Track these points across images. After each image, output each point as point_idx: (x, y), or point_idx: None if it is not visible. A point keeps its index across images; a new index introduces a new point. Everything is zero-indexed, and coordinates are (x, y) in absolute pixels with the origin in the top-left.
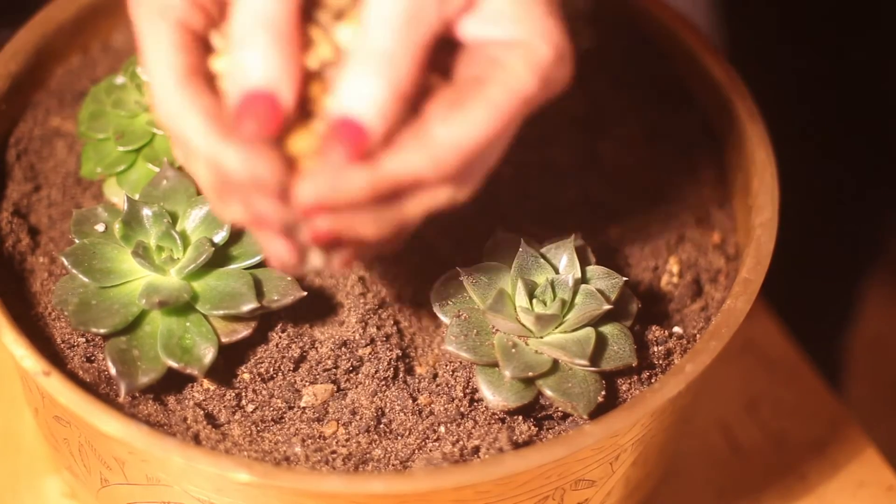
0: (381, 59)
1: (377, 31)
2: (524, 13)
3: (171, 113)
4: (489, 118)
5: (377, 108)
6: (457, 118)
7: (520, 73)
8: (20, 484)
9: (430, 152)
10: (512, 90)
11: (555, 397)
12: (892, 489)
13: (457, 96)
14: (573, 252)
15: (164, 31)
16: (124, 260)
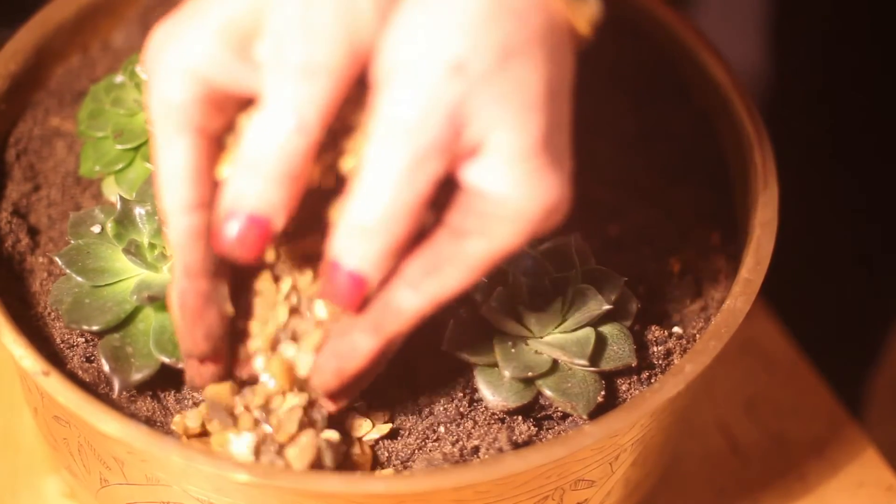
0: (381, 220)
1: (378, 191)
2: (521, 172)
3: (173, 241)
4: (464, 278)
5: (377, 265)
6: (428, 286)
7: (505, 236)
8: (19, 484)
9: (402, 322)
10: (495, 250)
11: (554, 397)
12: (892, 489)
13: (432, 260)
14: (573, 252)
15: (180, 150)
16: (117, 259)
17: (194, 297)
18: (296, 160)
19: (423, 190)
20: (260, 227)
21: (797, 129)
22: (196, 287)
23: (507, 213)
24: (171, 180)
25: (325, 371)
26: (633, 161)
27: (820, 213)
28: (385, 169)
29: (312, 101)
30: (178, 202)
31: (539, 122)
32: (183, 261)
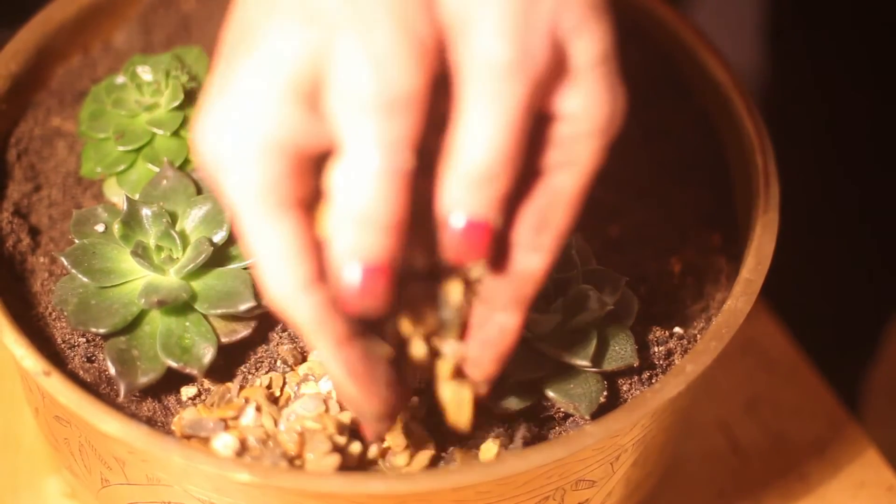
0: (499, 164)
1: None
2: (598, 83)
3: (308, 321)
4: (571, 214)
5: (498, 208)
6: (544, 240)
7: (586, 157)
8: (20, 484)
9: (536, 284)
10: (583, 176)
11: (557, 398)
12: (893, 489)
13: (537, 215)
14: (574, 252)
15: (285, 229)
16: (124, 260)
17: (358, 361)
18: (394, 199)
19: (528, 126)
20: (379, 275)
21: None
22: (356, 352)
23: (582, 129)
24: (281, 264)
25: (482, 362)
26: (634, 161)
27: (820, 214)
28: (496, 112)
29: (397, 134)
30: (296, 282)
31: (607, 23)
32: (332, 334)
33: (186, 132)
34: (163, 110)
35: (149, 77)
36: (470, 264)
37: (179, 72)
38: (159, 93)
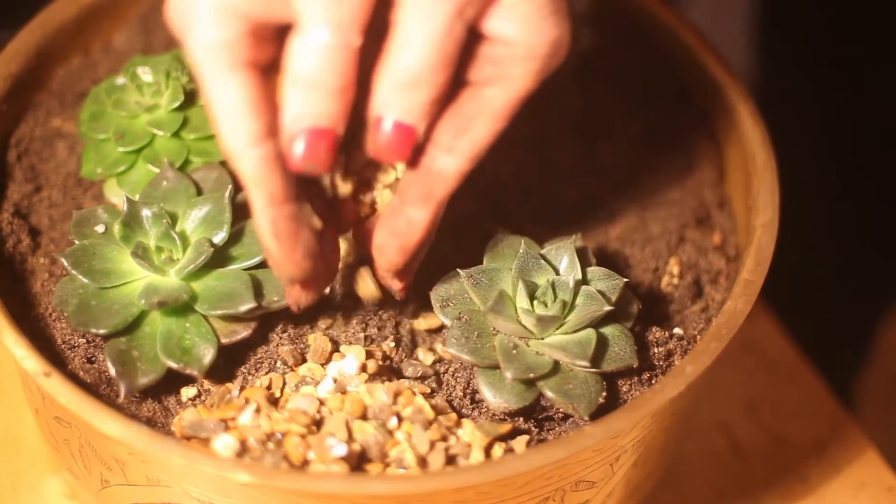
0: (426, 71)
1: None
2: (533, 11)
3: (249, 175)
4: (492, 128)
5: (422, 114)
6: (462, 145)
7: (520, 79)
8: (21, 484)
9: (448, 186)
10: (513, 96)
11: (556, 399)
12: (893, 490)
13: (459, 120)
14: (574, 253)
15: (236, 86)
16: (124, 261)
17: (286, 221)
18: (341, 70)
19: (460, 38)
20: (324, 138)
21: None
22: (285, 212)
23: (518, 53)
24: (233, 118)
25: (388, 250)
26: (634, 162)
27: (820, 214)
28: (428, 21)
29: (347, 13)
30: (245, 137)
31: None
32: (266, 191)
33: (187, 133)
34: (163, 111)
35: (149, 78)
36: (391, 163)
37: (180, 73)
38: (159, 94)
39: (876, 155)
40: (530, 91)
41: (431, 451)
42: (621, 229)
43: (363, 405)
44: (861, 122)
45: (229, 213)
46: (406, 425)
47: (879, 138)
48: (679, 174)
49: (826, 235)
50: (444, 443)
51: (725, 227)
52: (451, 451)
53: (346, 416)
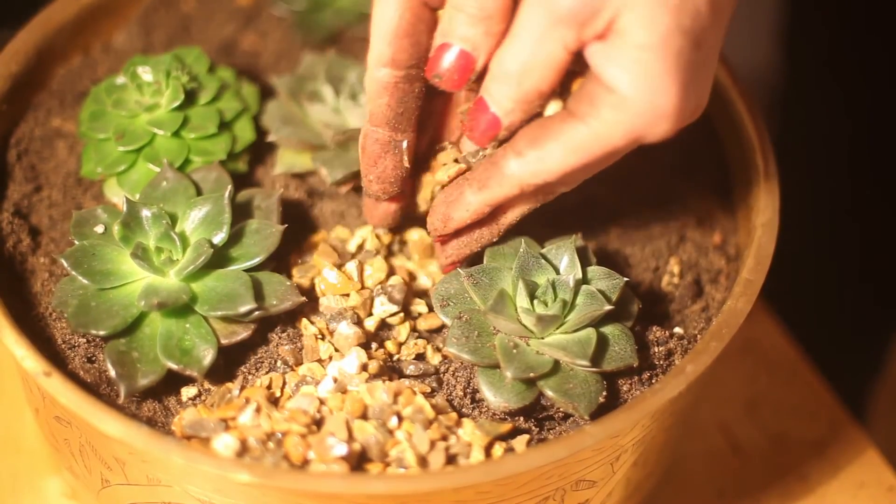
0: (517, 73)
1: (518, 46)
2: (641, 66)
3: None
4: (564, 159)
5: (508, 110)
6: (530, 156)
7: (607, 125)
8: (21, 484)
9: (504, 186)
10: (594, 138)
11: (556, 398)
12: (893, 490)
13: (539, 132)
14: (574, 253)
15: (388, 10)
16: (124, 261)
17: (373, 142)
18: (496, 7)
19: (555, 52)
20: (466, 61)
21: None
22: (376, 134)
23: (613, 101)
24: (375, 36)
25: (435, 212)
26: (635, 162)
27: (821, 214)
28: (525, 27)
29: None
30: (375, 56)
31: (669, 23)
32: (370, 108)
33: (187, 133)
34: (163, 111)
35: (149, 77)
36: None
37: (180, 72)
38: (160, 93)
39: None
40: (615, 145)
41: (432, 450)
42: (621, 229)
43: (363, 405)
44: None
45: (229, 214)
46: (406, 425)
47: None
48: (680, 174)
49: (827, 235)
50: (445, 442)
51: (726, 226)
52: (452, 450)
53: (346, 415)
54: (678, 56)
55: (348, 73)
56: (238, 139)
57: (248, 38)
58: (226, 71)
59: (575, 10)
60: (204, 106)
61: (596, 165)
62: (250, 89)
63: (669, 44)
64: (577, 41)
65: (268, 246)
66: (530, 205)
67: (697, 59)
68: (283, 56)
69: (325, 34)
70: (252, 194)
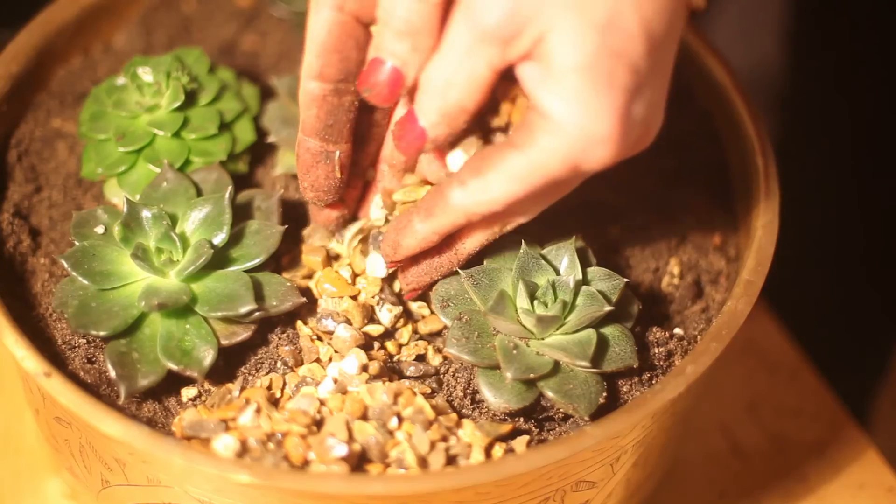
0: (441, 86)
1: (444, 61)
2: (570, 89)
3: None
4: (505, 188)
5: (433, 122)
6: (472, 185)
7: (543, 153)
8: (21, 485)
9: (449, 215)
10: (532, 167)
11: (556, 399)
12: (893, 490)
13: (481, 163)
14: (574, 253)
15: (317, 22)
16: (124, 262)
17: (304, 151)
18: (423, 22)
19: (478, 69)
20: (396, 76)
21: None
22: (307, 143)
23: (548, 127)
24: (307, 49)
25: (387, 239)
26: (635, 163)
27: (821, 215)
28: (452, 43)
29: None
30: (305, 68)
31: (597, 43)
32: (301, 118)
33: (187, 133)
34: (163, 111)
35: (149, 78)
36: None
37: (180, 73)
38: (160, 94)
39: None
40: (554, 174)
41: (432, 451)
42: (622, 230)
43: (363, 405)
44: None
45: (229, 215)
46: (406, 425)
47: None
48: (679, 175)
49: (827, 235)
50: (445, 443)
51: (726, 227)
52: (452, 451)
53: (346, 416)
54: (610, 79)
55: None
56: (238, 140)
57: (248, 38)
58: (226, 72)
59: (498, 28)
60: (204, 107)
61: (543, 195)
62: (250, 90)
63: (599, 66)
64: (502, 60)
65: (268, 247)
66: (487, 234)
67: (634, 84)
68: (284, 57)
69: None
70: (252, 195)
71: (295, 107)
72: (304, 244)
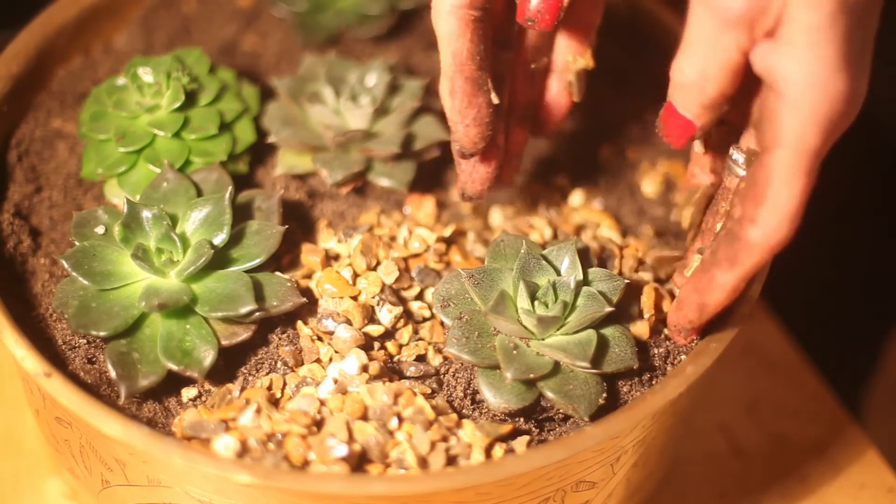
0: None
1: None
2: (812, 50)
3: (444, 34)
4: (790, 194)
5: (697, 114)
6: (763, 215)
7: (796, 132)
8: (21, 485)
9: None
10: (796, 154)
11: (556, 399)
12: (893, 491)
13: (754, 191)
14: (575, 254)
15: None
16: (124, 262)
17: (464, 80)
18: None
19: (730, 56)
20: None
21: None
22: (465, 71)
23: (793, 99)
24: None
25: (688, 304)
26: (635, 162)
27: (821, 215)
28: (697, 34)
29: None
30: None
31: (834, 2)
32: (451, 50)
33: (188, 134)
34: (164, 112)
35: (150, 78)
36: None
37: (180, 73)
38: (160, 94)
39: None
40: (816, 149)
41: (432, 451)
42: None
43: (364, 406)
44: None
45: (229, 215)
46: (407, 426)
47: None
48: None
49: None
50: (445, 443)
51: None
52: (452, 451)
53: (346, 416)
54: (846, 35)
55: (349, 75)
56: (238, 140)
57: (248, 39)
58: (226, 72)
59: (744, 12)
60: (204, 107)
61: (816, 177)
62: (251, 90)
63: (837, 23)
64: (750, 41)
65: (268, 247)
66: None
67: (863, 39)
68: (284, 57)
69: (325, 35)
70: (252, 195)
71: (295, 107)
72: None
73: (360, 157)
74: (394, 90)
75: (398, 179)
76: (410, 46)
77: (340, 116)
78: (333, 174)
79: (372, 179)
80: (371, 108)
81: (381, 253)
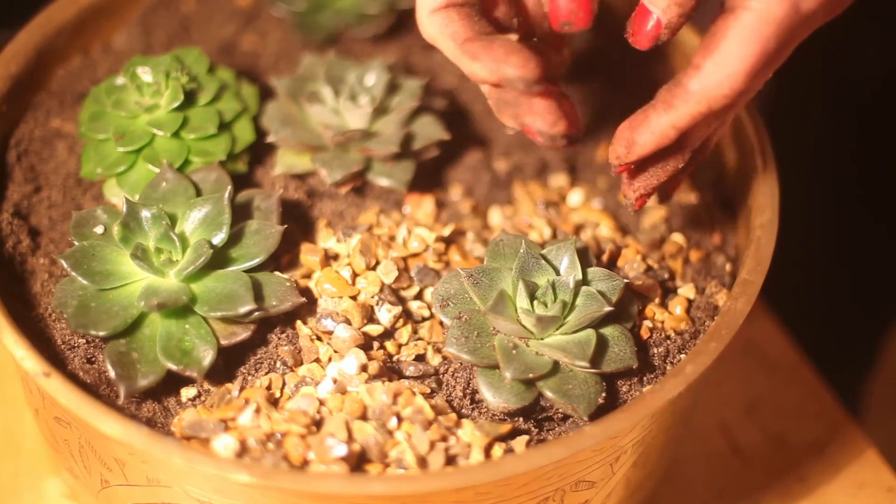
0: None
1: None
2: None
3: (428, 37)
4: (741, 54)
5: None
6: (708, 66)
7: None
8: (21, 485)
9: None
10: (762, 21)
11: (555, 399)
12: (893, 490)
13: (709, 41)
14: (574, 254)
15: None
16: (123, 262)
17: (477, 47)
18: None
19: None
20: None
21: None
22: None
23: None
24: None
25: (619, 139)
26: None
27: (820, 215)
28: None
29: None
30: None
31: None
32: (445, 46)
33: (187, 133)
34: (163, 111)
35: (149, 78)
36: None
37: (179, 73)
38: (159, 94)
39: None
40: (780, 19)
41: (431, 451)
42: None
43: (363, 405)
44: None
45: (228, 215)
46: (406, 425)
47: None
48: None
49: (826, 235)
50: (444, 443)
51: (725, 227)
52: (451, 451)
53: (345, 416)
54: None
55: (348, 74)
56: (238, 140)
57: (247, 38)
58: (225, 72)
59: None
60: (204, 107)
61: (775, 53)
62: (250, 90)
63: None
64: None
65: (268, 247)
66: (714, 125)
67: None
68: (283, 57)
69: (324, 35)
70: (252, 195)
71: (294, 107)
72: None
73: (360, 157)
74: (393, 90)
75: (397, 179)
76: (409, 46)
77: (339, 116)
78: (332, 174)
79: (371, 179)
80: (370, 108)
81: (381, 252)
